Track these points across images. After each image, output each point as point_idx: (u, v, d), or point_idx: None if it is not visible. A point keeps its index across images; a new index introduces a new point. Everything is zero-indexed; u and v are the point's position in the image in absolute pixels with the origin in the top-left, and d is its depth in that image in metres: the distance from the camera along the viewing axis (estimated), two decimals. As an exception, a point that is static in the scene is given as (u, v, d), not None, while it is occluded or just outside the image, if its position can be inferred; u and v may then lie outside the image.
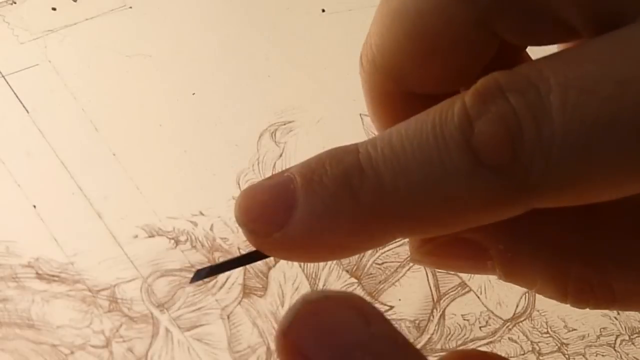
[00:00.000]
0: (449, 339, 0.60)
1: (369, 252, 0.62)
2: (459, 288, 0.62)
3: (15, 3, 0.68)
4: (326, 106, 0.68)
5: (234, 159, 0.64)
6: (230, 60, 0.70)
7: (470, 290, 0.62)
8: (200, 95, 0.67)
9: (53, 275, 0.56)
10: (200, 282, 0.58)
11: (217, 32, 0.71)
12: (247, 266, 0.59)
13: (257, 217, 0.26)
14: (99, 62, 0.67)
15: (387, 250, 0.62)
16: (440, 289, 0.62)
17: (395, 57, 0.28)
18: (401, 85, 0.29)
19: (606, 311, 0.62)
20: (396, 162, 0.25)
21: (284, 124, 0.67)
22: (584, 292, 0.29)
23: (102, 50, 0.68)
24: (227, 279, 0.59)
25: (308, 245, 0.26)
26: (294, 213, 0.25)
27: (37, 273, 0.56)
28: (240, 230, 0.27)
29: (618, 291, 0.29)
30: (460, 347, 0.59)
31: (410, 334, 0.59)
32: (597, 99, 0.22)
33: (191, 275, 0.31)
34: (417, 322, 0.60)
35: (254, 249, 0.28)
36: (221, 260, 0.30)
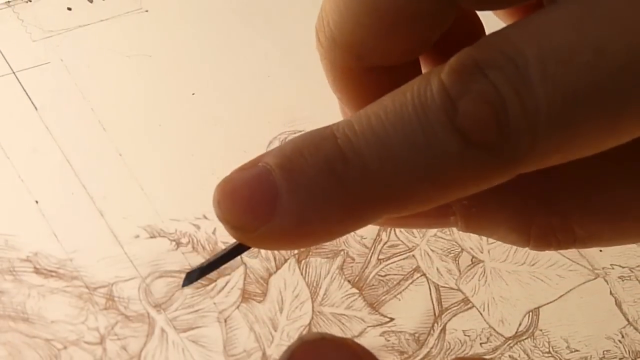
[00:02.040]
0: (449, 354, 0.59)
1: (372, 263, 0.61)
2: (462, 304, 0.61)
3: (30, 1, 0.68)
4: (338, 117, 0.68)
5: (241, 164, 0.64)
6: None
7: (473, 306, 0.61)
8: (202, 96, 0.67)
9: (51, 271, 0.56)
10: (198, 284, 0.57)
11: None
12: (248, 271, 0.59)
13: (240, 213, 0.26)
14: (110, 63, 0.67)
15: (391, 263, 0.62)
16: (443, 303, 0.61)
17: (355, 34, 0.28)
18: (362, 60, 0.29)
19: (611, 334, 0.62)
20: (381, 146, 0.25)
21: (294, 133, 0.66)
22: (547, 237, 0.30)
23: (115, 51, 0.68)
24: (226, 283, 0.58)
25: (296, 235, 0.26)
26: (278, 205, 0.25)
27: (35, 267, 0.56)
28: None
29: (579, 233, 0.30)
30: (461, 356, 0.59)
31: (409, 347, 0.58)
32: (576, 68, 0.22)
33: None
34: (416, 335, 0.59)
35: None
36: (208, 259, 0.30)
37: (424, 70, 0.32)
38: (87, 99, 0.64)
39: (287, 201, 0.25)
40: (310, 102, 0.68)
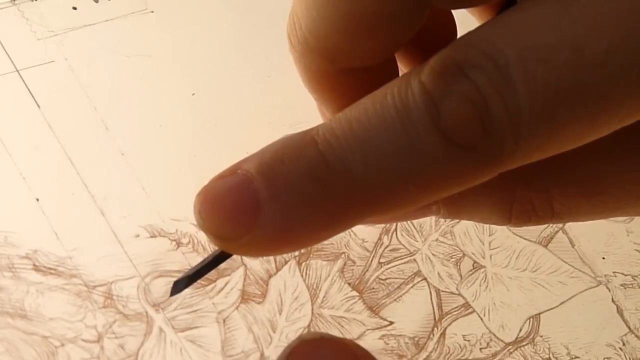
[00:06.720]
0: (448, 358, 0.59)
1: (373, 267, 0.61)
2: (462, 308, 0.61)
3: (35, 0, 0.68)
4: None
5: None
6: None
7: (474, 311, 0.61)
8: (203, 96, 0.67)
9: (50, 268, 0.56)
10: (197, 284, 0.57)
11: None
12: (248, 272, 0.59)
13: (222, 222, 0.26)
14: (114, 63, 0.67)
15: (392, 267, 0.62)
16: (443, 308, 0.61)
17: (330, 39, 0.28)
18: (336, 63, 0.29)
19: (612, 341, 0.61)
20: (364, 151, 0.25)
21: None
22: (527, 213, 0.31)
23: (119, 51, 0.67)
24: (226, 284, 0.58)
25: (279, 242, 0.26)
26: (261, 213, 0.25)
27: (34, 265, 0.55)
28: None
29: (557, 208, 0.31)
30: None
31: (408, 351, 0.58)
32: (556, 66, 0.23)
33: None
34: (416, 339, 0.59)
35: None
36: (194, 266, 0.30)
37: (400, 66, 0.33)
38: (90, 98, 0.64)
39: (269, 209, 0.25)
40: (310, 102, 0.67)
